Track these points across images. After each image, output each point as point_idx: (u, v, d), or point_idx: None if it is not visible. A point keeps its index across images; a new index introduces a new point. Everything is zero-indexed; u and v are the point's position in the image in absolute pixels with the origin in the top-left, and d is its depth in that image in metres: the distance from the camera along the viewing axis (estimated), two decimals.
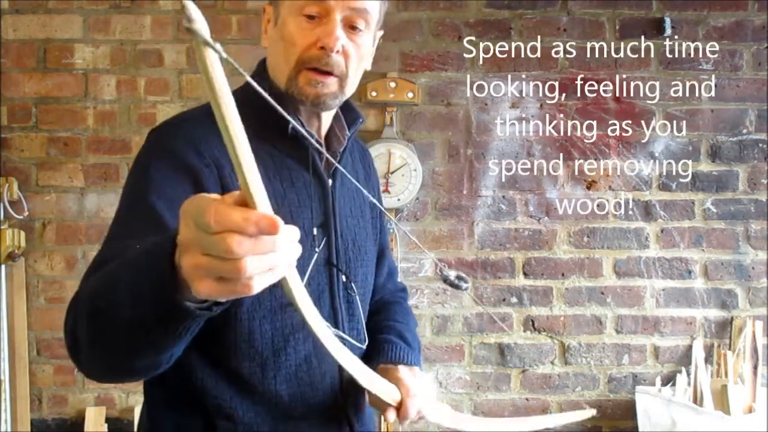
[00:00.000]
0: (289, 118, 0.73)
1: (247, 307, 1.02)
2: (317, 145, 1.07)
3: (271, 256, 0.60)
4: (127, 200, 1.00)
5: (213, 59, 0.55)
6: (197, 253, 0.60)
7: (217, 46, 0.55)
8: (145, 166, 1.00)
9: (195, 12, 0.54)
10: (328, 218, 1.11)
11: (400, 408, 1.07)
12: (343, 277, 1.12)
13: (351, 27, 1.05)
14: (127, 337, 0.75)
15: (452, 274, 1.24)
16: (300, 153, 1.08)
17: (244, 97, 1.09)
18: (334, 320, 1.11)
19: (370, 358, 1.17)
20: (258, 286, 0.60)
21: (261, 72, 1.13)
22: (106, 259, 0.88)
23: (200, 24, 0.54)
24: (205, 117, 1.04)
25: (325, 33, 1.03)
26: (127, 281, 0.74)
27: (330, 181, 1.12)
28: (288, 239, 0.61)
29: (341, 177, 1.15)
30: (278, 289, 0.71)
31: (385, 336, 1.21)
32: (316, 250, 1.07)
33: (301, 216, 1.07)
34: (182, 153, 0.99)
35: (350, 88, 1.09)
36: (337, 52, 1.04)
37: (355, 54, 1.06)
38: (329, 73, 1.05)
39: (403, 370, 1.12)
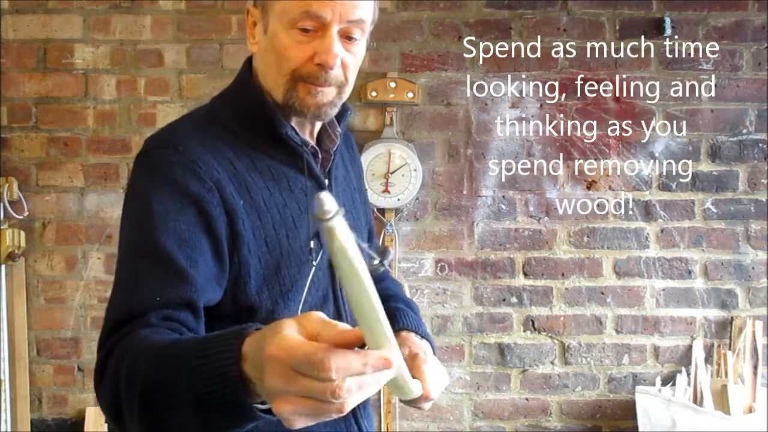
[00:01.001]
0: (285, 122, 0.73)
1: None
2: (309, 154, 1.07)
3: (369, 382, 0.63)
4: (134, 240, 0.98)
5: (344, 234, 0.56)
6: (295, 397, 0.63)
7: (341, 218, 0.56)
8: (146, 199, 0.97)
9: (329, 203, 0.55)
10: None
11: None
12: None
13: (347, 37, 1.02)
14: None
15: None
16: (295, 159, 1.07)
17: (233, 103, 1.07)
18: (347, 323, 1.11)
19: (399, 315, 1.18)
20: (351, 405, 0.63)
21: (247, 77, 1.10)
22: (127, 317, 0.89)
23: (336, 216, 0.55)
24: (195, 132, 1.04)
25: (323, 49, 1.00)
26: (189, 394, 0.74)
27: (326, 182, 1.12)
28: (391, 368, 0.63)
29: (336, 174, 1.16)
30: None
31: (394, 304, 1.21)
32: (313, 262, 1.06)
33: (303, 223, 1.07)
34: (182, 181, 0.97)
35: (347, 94, 1.08)
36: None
37: (353, 63, 1.05)
38: (326, 85, 1.04)
39: (419, 349, 1.09)
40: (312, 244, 1.06)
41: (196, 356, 0.73)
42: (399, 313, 1.19)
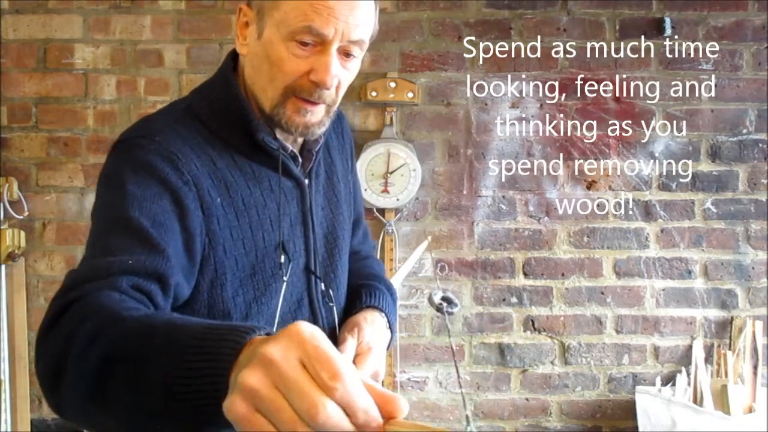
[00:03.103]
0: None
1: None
2: (288, 157, 1.06)
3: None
4: (105, 216, 0.94)
5: None
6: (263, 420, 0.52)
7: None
8: (121, 181, 0.94)
9: None
10: (307, 225, 1.10)
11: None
12: (322, 285, 1.11)
13: (345, 53, 1.00)
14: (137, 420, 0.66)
15: (438, 297, 1.27)
16: (274, 161, 1.05)
17: (211, 102, 1.05)
18: (320, 327, 1.10)
19: (360, 293, 1.19)
20: None
21: (228, 76, 1.06)
22: (93, 276, 0.83)
23: None
24: (174, 125, 1.01)
25: (321, 67, 0.97)
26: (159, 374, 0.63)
27: (306, 181, 1.10)
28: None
29: (317, 172, 1.14)
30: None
31: (369, 282, 1.22)
32: (284, 278, 1.04)
33: (281, 224, 1.05)
34: (160, 169, 0.95)
35: (335, 110, 1.07)
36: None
37: (347, 81, 1.03)
38: (319, 103, 1.01)
39: (373, 344, 1.10)
40: (282, 258, 1.04)
41: (187, 342, 0.63)
42: (371, 290, 1.19)
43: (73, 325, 0.75)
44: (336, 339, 1.12)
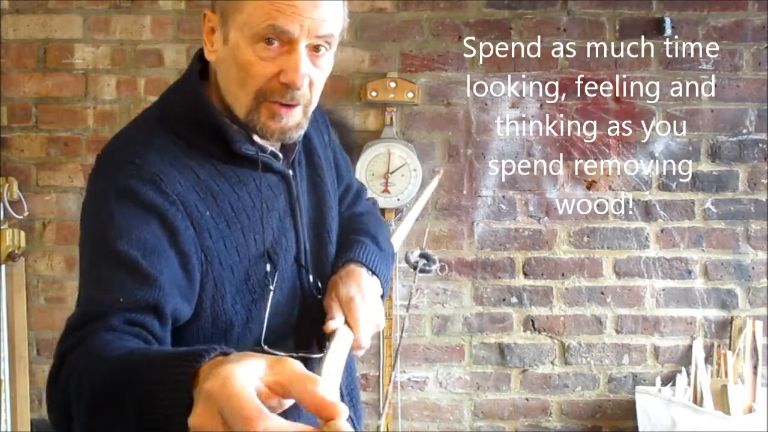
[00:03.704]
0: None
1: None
2: (270, 157, 1.04)
3: None
4: (94, 252, 0.93)
5: None
6: None
7: None
8: (106, 211, 0.92)
9: None
10: (295, 216, 1.08)
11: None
12: (311, 277, 1.09)
13: (314, 49, 0.96)
14: None
15: (415, 254, 1.23)
16: (255, 162, 1.03)
17: (182, 112, 1.01)
18: (310, 318, 1.08)
19: (343, 250, 1.14)
20: None
21: (195, 86, 1.02)
22: (87, 318, 0.85)
23: None
24: (150, 141, 0.98)
25: (290, 68, 0.94)
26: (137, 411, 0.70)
27: (290, 172, 1.08)
28: None
29: (299, 160, 1.11)
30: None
31: (357, 236, 1.17)
32: (270, 287, 1.02)
33: (270, 222, 1.04)
34: (144, 194, 0.92)
35: (312, 110, 1.03)
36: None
37: (320, 79, 0.99)
38: (294, 105, 0.98)
39: (356, 292, 1.05)
40: (268, 267, 1.01)
41: (149, 375, 0.69)
42: (348, 245, 1.14)
43: (69, 376, 0.80)
44: (321, 336, 1.09)
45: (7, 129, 2.53)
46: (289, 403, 0.60)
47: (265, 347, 1.00)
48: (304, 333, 1.09)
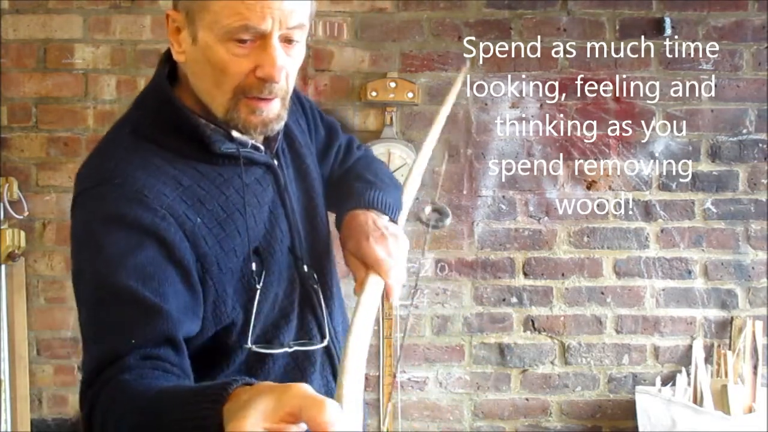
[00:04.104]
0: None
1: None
2: (252, 150, 1.03)
3: None
4: (93, 288, 0.90)
5: None
6: None
7: None
8: (96, 243, 0.90)
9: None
10: (285, 205, 1.07)
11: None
12: (306, 267, 1.08)
13: (286, 41, 0.95)
14: None
15: (427, 210, 1.23)
16: (237, 158, 1.02)
17: (156, 118, 1.00)
18: (311, 307, 1.09)
19: (339, 206, 1.14)
20: None
21: (165, 90, 1.00)
22: (104, 365, 0.84)
23: None
24: (128, 156, 0.96)
25: (266, 62, 0.93)
26: None
27: (275, 161, 1.07)
28: None
29: (282, 148, 1.10)
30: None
31: (356, 182, 1.17)
32: (257, 285, 1.01)
33: (261, 214, 1.03)
34: (132, 215, 0.90)
35: (289, 100, 1.02)
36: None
37: (294, 69, 0.98)
38: (272, 98, 0.97)
39: (371, 243, 1.03)
40: (254, 265, 1.00)
41: (176, 415, 0.71)
42: (354, 192, 1.13)
43: (105, 420, 0.81)
44: (325, 321, 1.10)
45: (7, 129, 2.53)
46: (305, 426, 0.63)
47: (253, 347, 1.00)
48: (304, 322, 1.09)
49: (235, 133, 1.01)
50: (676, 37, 2.50)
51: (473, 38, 2.49)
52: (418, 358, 2.56)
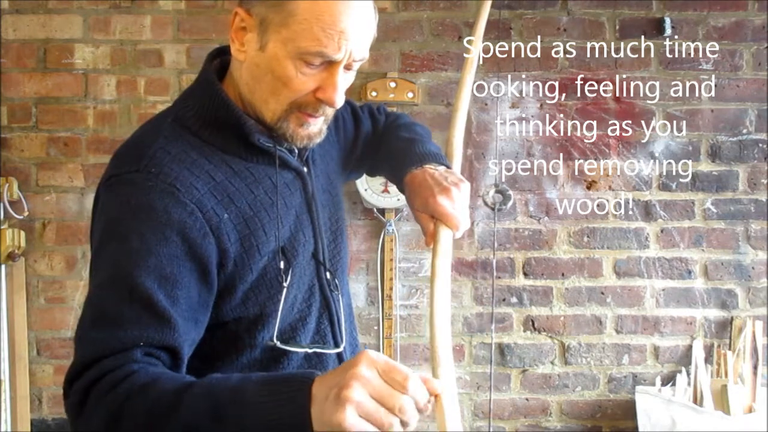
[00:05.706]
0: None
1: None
2: (285, 151, 1.06)
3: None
4: (111, 276, 0.92)
5: None
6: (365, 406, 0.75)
7: None
8: (124, 232, 0.92)
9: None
10: (312, 212, 1.10)
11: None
12: (328, 274, 1.12)
13: (347, 67, 1.01)
14: None
15: (491, 194, 1.28)
16: (270, 158, 1.05)
17: (199, 110, 1.02)
18: (328, 313, 1.11)
19: (395, 173, 1.20)
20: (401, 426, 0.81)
21: (213, 83, 1.03)
22: (107, 353, 0.86)
23: None
24: (165, 145, 0.98)
25: (329, 87, 0.98)
26: None
27: (305, 169, 1.11)
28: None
29: (313, 158, 1.15)
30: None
31: (395, 144, 1.24)
32: (284, 283, 1.04)
33: (288, 217, 1.06)
34: (162, 208, 0.92)
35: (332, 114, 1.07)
36: None
37: (345, 90, 1.04)
38: (321, 115, 1.03)
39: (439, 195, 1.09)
40: (282, 264, 1.03)
41: (261, 399, 0.78)
42: (404, 155, 1.20)
43: (117, 405, 0.83)
44: (341, 328, 1.13)
45: (7, 129, 2.53)
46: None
47: (277, 343, 1.02)
48: (321, 328, 1.11)
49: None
50: (676, 37, 2.50)
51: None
52: (418, 358, 2.56)
